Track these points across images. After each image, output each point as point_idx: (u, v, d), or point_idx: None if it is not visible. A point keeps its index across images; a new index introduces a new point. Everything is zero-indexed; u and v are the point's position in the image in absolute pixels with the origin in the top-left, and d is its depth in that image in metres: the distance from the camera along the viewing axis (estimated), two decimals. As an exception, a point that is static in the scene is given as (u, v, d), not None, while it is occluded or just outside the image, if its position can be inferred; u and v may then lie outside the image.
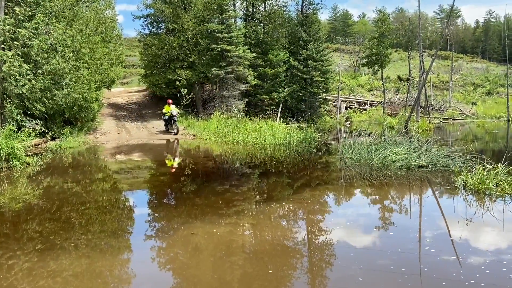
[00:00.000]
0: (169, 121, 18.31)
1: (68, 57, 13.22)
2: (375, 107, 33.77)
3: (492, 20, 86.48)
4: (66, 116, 15.22)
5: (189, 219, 5.39)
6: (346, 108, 32.55)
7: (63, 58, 12.95)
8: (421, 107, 27.99)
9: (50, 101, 12.62)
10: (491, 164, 7.01)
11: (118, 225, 5.37)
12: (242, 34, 23.06)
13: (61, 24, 13.28)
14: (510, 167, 6.93)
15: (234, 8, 25.63)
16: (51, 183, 8.11)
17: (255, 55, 23.86)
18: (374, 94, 38.64)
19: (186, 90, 20.92)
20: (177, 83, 21.86)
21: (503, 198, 6.10)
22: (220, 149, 13.43)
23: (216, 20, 22.62)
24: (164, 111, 18.58)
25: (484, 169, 6.81)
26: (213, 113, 20.36)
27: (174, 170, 10.04)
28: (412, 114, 24.01)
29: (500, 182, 6.49)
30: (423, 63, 25.77)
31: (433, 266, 3.67)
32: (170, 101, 18.81)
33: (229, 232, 4.84)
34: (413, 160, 8.82)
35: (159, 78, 23.19)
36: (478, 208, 5.75)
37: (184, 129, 19.06)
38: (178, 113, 18.58)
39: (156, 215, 5.90)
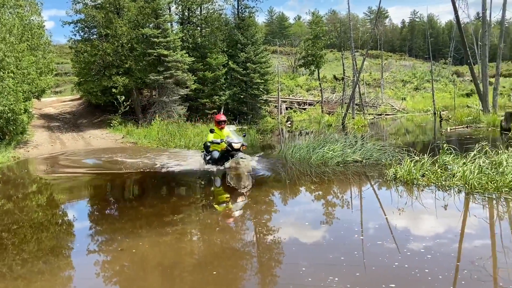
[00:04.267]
0: (224, 157, 9.50)
1: (-11, 67, 12.29)
2: (314, 106, 34.88)
3: (417, 20, 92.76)
4: (-8, 130, 14.15)
5: (134, 229, 5.25)
6: (286, 109, 33.29)
7: (-16, 68, 12.02)
8: (356, 104, 29.32)
9: (-29, 115, 11.66)
10: (418, 156, 7.54)
11: (57, 241, 5.10)
12: (179, 38, 22.79)
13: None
14: (435, 158, 7.50)
15: (169, 12, 25.24)
16: (-24, 204, 7.50)
17: (193, 59, 23.69)
18: (312, 94, 39.87)
19: (124, 97, 20.28)
20: (114, 90, 21.11)
21: (429, 187, 6.59)
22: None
23: (151, 25, 22.15)
24: (210, 138, 9.68)
25: (411, 161, 7.32)
26: (153, 120, 19.91)
27: (115, 179, 9.70)
28: (348, 112, 25.11)
29: (426, 173, 7.01)
30: (355, 62, 27.03)
31: (376, 255, 3.90)
32: (222, 117, 10.18)
33: (176, 239, 4.79)
34: (348, 156, 9.26)
35: (94, 85, 22.23)
36: (408, 198, 6.16)
37: (123, 137, 18.43)
38: (243, 144, 9.50)
39: (98, 228, 5.68)
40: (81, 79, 23.49)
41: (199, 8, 27.17)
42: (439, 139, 13.78)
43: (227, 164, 9.16)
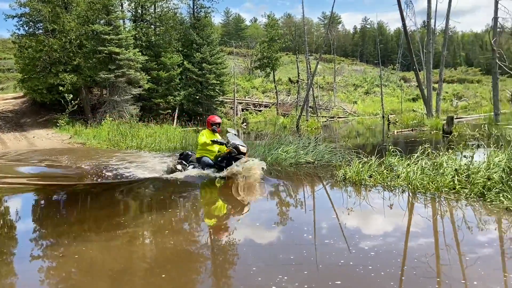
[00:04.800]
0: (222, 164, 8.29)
1: None
2: (269, 108, 35.25)
3: (368, 26, 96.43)
4: None
5: (82, 232, 5.01)
6: (242, 110, 33.39)
7: None
8: (310, 107, 29.98)
9: None
10: (366, 158, 7.81)
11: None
12: (131, 36, 22.20)
13: None
14: (381, 159, 7.80)
15: (121, 9, 24.51)
16: None
17: (147, 58, 23.17)
18: (268, 96, 40.30)
19: (72, 96, 19.43)
20: (61, 88, 20.17)
21: (376, 187, 6.84)
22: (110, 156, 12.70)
23: (102, 21, 21.40)
24: (208, 138, 8.41)
25: (360, 162, 7.57)
26: (103, 119, 19.22)
27: (58, 180, 9.23)
28: (302, 114, 25.61)
29: (373, 174, 7.27)
30: (309, 66, 27.63)
31: (324, 254, 3.98)
32: (218, 119, 8.89)
33: (127, 242, 4.63)
34: (301, 157, 9.42)
35: (39, 83, 21.10)
36: (356, 198, 6.36)
37: (70, 137, 17.63)
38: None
39: (43, 231, 5.36)
40: (25, 76, 22.21)
41: (153, 6, 26.62)
42: (386, 141, 14.37)
43: (224, 172, 7.95)
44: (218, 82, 27.14)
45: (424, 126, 19.23)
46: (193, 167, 8.61)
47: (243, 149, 8.09)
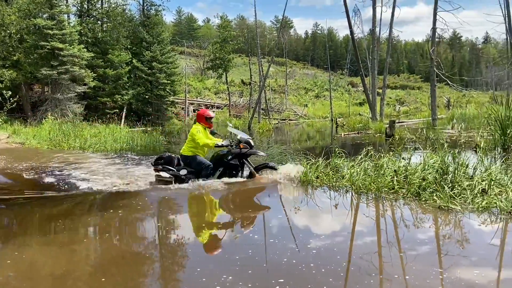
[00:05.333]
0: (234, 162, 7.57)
1: None
2: (221, 109, 35.18)
3: (319, 32, 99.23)
4: None
5: (18, 236, 4.72)
6: (194, 111, 33.04)
7: None
8: (262, 109, 30.29)
9: None
10: (314, 159, 8.02)
11: None
12: (76, 31, 21.27)
13: None
14: (328, 161, 8.04)
15: (66, 3, 23.42)
16: None
17: (93, 55, 22.30)
18: (220, 97, 40.20)
19: (10, 93, 18.24)
20: (-2, 84, 18.89)
21: (322, 188, 7.05)
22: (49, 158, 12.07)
23: (45, 15, 20.31)
24: (209, 140, 7.51)
25: (308, 163, 7.76)
26: (44, 118, 18.22)
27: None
28: (254, 116, 25.81)
29: (320, 174, 7.48)
30: (262, 68, 27.93)
31: (268, 252, 4.05)
32: (212, 113, 7.85)
33: (68, 245, 4.41)
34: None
35: (-27, 78, 19.65)
36: (303, 198, 6.51)
37: (8, 137, 16.54)
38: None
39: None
40: (-43, 70, 20.55)
41: (100, 1, 25.67)
42: (333, 143, 14.84)
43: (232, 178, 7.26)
44: (169, 82, 26.67)
45: (369, 129, 20.09)
46: (187, 172, 7.40)
47: (252, 141, 7.55)
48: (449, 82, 20.81)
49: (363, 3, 63.48)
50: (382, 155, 7.70)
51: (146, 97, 25.60)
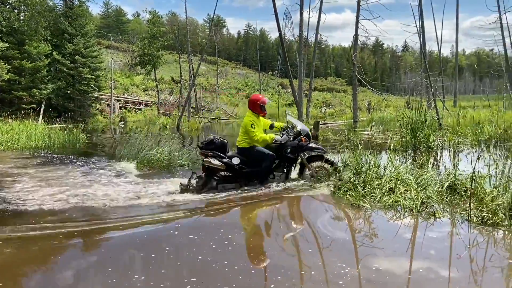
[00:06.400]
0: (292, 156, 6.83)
1: None
2: (150, 107, 34.27)
3: (251, 32, 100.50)
4: None
5: None
6: (120, 108, 31.82)
7: None
8: (192, 107, 29.98)
9: None
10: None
11: None
12: (-12, 19, 19.45)
13: None
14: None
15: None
16: None
17: (7, 45, 20.56)
18: (149, 94, 39.11)
19: None
20: None
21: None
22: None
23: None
24: (265, 137, 6.59)
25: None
26: None
27: None
28: (184, 114, 25.47)
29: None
30: (192, 66, 27.63)
31: (183, 251, 4.06)
32: (266, 99, 6.88)
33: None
34: (175, 161, 9.37)
35: None
36: (218, 196, 6.58)
37: None
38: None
39: None
40: None
41: (16, -13, 23.72)
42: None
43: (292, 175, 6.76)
44: (93, 76, 25.36)
45: (296, 130, 20.74)
46: (240, 161, 6.55)
47: (303, 128, 6.90)
48: (369, 86, 22.25)
49: (291, 7, 65.49)
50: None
51: (68, 92, 24.11)
